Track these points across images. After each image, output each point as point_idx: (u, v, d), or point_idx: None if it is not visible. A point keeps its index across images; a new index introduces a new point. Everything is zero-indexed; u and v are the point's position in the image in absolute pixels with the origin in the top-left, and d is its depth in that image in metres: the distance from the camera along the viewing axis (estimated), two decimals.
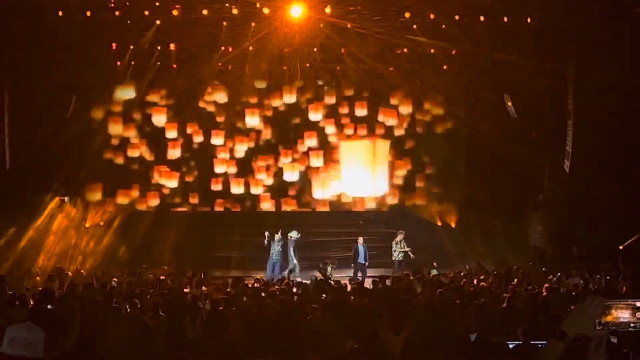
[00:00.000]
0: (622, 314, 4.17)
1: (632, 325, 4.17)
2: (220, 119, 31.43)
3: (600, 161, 25.84)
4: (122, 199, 30.97)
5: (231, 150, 31.34)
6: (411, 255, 28.49)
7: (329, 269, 26.88)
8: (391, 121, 31.16)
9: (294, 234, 28.44)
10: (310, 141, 31.10)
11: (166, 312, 14.90)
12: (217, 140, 30.97)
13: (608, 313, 4.15)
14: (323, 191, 31.14)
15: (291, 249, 28.29)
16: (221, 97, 30.75)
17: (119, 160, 31.04)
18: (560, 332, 4.14)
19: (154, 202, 31.41)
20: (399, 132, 31.76)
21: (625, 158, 25.56)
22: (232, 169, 31.14)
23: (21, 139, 27.48)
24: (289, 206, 32.06)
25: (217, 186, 31.31)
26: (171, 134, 30.92)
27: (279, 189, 31.84)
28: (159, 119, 30.47)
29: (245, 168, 31.48)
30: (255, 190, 31.26)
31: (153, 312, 14.77)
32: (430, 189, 32.18)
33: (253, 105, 30.98)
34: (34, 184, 28.38)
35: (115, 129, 30.57)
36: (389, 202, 31.93)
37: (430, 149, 32.21)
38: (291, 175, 30.86)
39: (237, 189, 31.03)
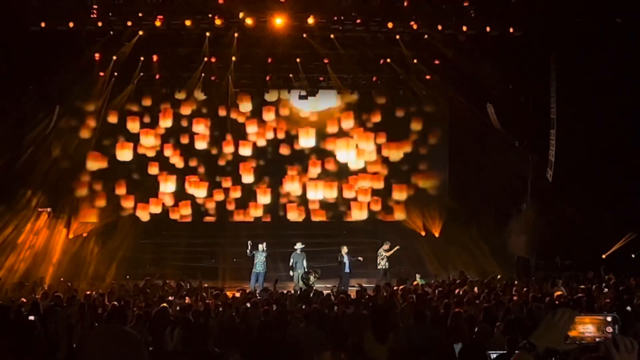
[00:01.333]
0: (587, 329, 4.10)
1: (597, 340, 4.11)
2: (250, 129, 31.83)
3: (583, 170, 25.91)
4: (155, 208, 31.22)
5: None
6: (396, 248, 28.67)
7: (312, 278, 26.80)
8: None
9: (298, 246, 28.32)
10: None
11: (149, 323, 14.84)
12: (245, 150, 31.43)
13: (573, 328, 4.09)
14: (347, 153, 31.31)
15: (293, 260, 28.11)
16: (247, 107, 31.12)
17: (154, 170, 31.31)
18: (529, 344, 4.10)
19: (186, 211, 31.65)
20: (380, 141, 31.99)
21: (608, 167, 25.64)
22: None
23: (3, 150, 27.33)
24: (317, 217, 32.34)
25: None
26: (200, 144, 31.40)
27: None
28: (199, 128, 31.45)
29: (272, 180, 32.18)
30: (291, 186, 31.84)
31: (135, 323, 14.70)
32: (413, 199, 32.30)
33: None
34: (16, 196, 28.20)
35: (147, 140, 30.74)
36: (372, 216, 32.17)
37: (413, 158, 32.26)
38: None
39: (264, 198, 31.25)
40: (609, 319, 4.10)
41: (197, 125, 31.45)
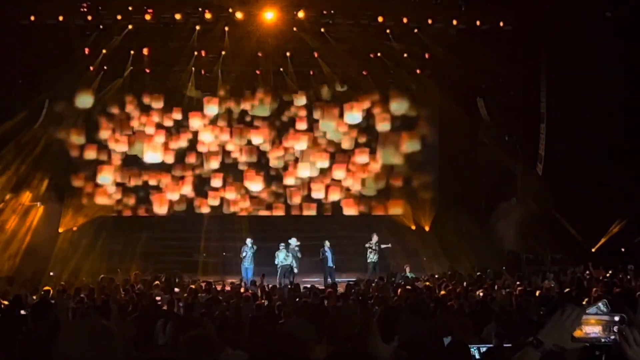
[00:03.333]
0: (593, 330, 4.06)
1: (603, 340, 4.06)
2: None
3: (573, 164, 25.94)
4: (212, 201, 31.84)
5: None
6: (385, 245, 28.59)
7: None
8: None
9: (293, 241, 28.28)
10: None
11: (138, 317, 14.83)
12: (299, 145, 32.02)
13: (579, 328, 4.05)
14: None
15: (285, 254, 28.05)
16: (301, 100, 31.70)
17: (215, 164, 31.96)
18: (537, 341, 4.08)
19: (245, 204, 32.36)
20: (371, 135, 32.04)
21: (598, 161, 25.67)
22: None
23: None
24: (378, 212, 32.84)
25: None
26: (257, 139, 31.92)
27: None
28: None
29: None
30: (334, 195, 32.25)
31: (120, 317, 14.73)
32: (404, 193, 32.37)
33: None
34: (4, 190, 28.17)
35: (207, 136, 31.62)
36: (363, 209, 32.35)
37: (404, 152, 32.25)
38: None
39: (318, 193, 31.87)
40: (616, 318, 4.06)
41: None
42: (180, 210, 32.03)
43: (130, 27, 27.26)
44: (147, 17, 26.44)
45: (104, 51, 28.38)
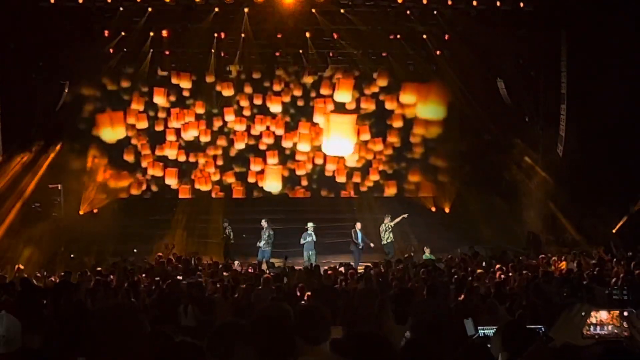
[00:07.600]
0: (603, 326, 4.05)
1: (615, 332, 4.05)
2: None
3: (594, 145, 25.81)
4: (251, 179, 32.56)
5: None
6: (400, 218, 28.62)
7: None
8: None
9: (310, 225, 28.25)
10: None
11: (160, 299, 14.91)
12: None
13: (589, 324, 4.04)
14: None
15: (303, 240, 28.04)
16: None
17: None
18: (547, 337, 4.07)
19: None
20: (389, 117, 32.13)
21: (619, 142, 25.53)
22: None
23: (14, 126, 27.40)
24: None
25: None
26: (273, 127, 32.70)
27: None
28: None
29: None
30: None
31: (144, 298, 14.80)
32: (424, 175, 32.43)
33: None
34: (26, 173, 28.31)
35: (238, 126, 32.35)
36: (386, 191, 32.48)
37: (424, 134, 32.19)
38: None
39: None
40: (625, 313, 4.05)
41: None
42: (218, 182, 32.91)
43: (150, 9, 27.27)
44: None
45: (123, 33, 28.42)
